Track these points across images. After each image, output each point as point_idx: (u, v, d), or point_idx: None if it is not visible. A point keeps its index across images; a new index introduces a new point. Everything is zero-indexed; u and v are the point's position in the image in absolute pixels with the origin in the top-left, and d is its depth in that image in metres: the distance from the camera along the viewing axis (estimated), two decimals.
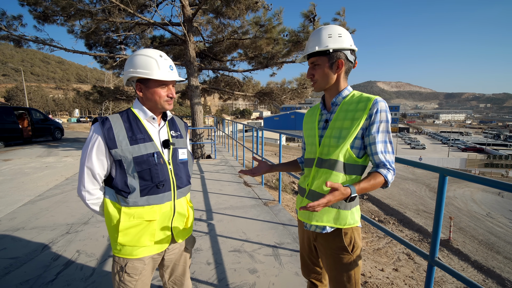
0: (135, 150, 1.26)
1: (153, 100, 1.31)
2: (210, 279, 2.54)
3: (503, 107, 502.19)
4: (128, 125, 1.29)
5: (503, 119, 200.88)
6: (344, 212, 1.29)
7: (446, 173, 1.73)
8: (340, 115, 1.29)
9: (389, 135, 1.24)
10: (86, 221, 3.84)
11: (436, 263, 1.77)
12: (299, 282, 2.49)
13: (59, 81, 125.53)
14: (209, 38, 9.37)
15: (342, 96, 1.31)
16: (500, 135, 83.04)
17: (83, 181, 1.26)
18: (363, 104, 1.22)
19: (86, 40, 9.62)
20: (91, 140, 1.25)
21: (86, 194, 1.28)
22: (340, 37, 1.24)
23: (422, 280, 7.46)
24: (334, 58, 1.25)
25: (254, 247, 3.12)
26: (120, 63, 9.34)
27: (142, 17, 7.72)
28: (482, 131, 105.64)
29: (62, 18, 8.66)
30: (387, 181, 1.20)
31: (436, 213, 1.75)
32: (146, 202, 1.29)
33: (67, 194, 5.08)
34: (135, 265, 1.33)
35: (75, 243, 3.22)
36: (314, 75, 1.31)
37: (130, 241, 1.29)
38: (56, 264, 2.77)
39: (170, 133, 1.42)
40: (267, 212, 4.17)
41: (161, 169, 1.32)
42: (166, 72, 1.28)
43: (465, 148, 56.20)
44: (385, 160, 1.21)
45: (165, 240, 1.38)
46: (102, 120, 1.27)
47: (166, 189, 1.34)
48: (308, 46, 1.30)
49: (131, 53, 10.79)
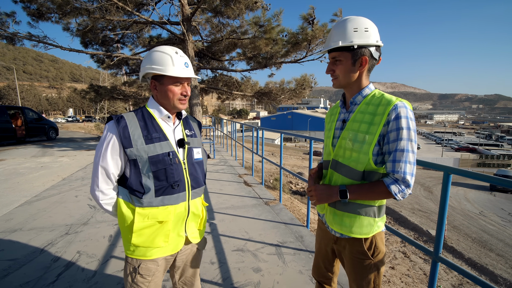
0: (150, 149, 1.24)
1: (166, 97, 1.29)
2: (215, 278, 2.53)
3: (495, 108, 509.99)
4: (143, 123, 1.27)
5: (495, 120, 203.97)
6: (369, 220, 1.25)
7: (450, 171, 1.75)
8: (358, 116, 1.22)
9: (410, 144, 1.11)
10: (86, 222, 3.80)
11: (440, 259, 1.79)
12: (303, 281, 2.50)
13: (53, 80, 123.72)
14: (208, 38, 9.35)
15: (362, 95, 1.24)
16: (491, 136, 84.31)
17: (97, 181, 1.24)
18: (383, 108, 1.14)
19: (82, 38, 9.51)
20: (105, 139, 1.23)
21: (99, 194, 1.26)
22: (366, 31, 1.14)
23: (418, 278, 7.54)
24: (358, 55, 1.16)
25: (257, 246, 3.12)
26: (117, 62, 9.27)
27: (140, 15, 7.67)
28: (474, 131, 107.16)
29: (57, 15, 8.56)
30: (390, 191, 1.11)
31: (440, 211, 1.77)
32: (161, 203, 1.27)
33: (64, 195, 5.02)
34: (148, 266, 1.31)
35: (75, 244, 3.19)
36: (335, 71, 1.22)
37: (144, 242, 1.28)
38: (57, 266, 2.74)
39: (184, 132, 1.41)
40: (268, 212, 4.17)
41: (176, 169, 1.30)
42: (181, 69, 1.26)
43: (458, 148, 56.97)
44: (395, 169, 1.11)
45: (180, 241, 1.37)
46: (117, 119, 1.25)
47: (181, 190, 1.32)
48: (331, 40, 1.20)
49: (129, 52, 10.76)
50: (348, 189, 1.18)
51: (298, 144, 55.91)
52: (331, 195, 1.22)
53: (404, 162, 1.10)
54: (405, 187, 1.11)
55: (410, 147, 1.11)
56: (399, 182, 1.11)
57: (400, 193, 1.11)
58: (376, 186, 1.15)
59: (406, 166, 1.10)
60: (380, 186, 1.14)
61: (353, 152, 1.20)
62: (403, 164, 1.10)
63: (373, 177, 1.19)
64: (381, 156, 1.17)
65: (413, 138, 1.11)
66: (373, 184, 1.16)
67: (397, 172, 1.11)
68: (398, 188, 1.11)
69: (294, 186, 12.55)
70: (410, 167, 1.11)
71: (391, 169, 1.13)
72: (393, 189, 1.11)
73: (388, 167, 1.14)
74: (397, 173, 1.11)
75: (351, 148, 1.21)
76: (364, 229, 1.24)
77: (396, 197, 1.11)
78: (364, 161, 1.17)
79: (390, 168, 1.13)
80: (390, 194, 1.12)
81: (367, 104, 1.21)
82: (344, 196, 1.18)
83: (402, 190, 1.11)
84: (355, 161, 1.19)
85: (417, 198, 20.01)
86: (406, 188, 1.11)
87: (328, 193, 1.22)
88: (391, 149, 1.13)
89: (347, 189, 1.19)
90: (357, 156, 1.19)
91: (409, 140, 1.10)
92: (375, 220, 1.25)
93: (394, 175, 1.12)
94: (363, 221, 1.24)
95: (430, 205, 18.58)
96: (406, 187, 1.11)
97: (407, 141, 1.10)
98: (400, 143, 1.10)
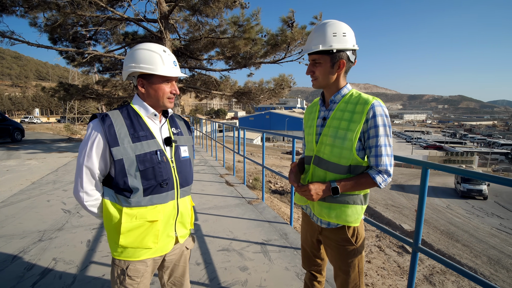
0: (137, 148, 1.21)
1: (156, 96, 1.26)
2: (201, 279, 2.51)
3: (459, 108, 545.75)
4: (129, 122, 1.24)
5: (459, 119, 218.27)
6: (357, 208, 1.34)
7: (429, 166, 1.87)
8: (338, 114, 1.31)
9: (387, 139, 1.25)
10: (61, 227, 3.60)
11: (420, 249, 1.90)
12: (290, 277, 2.54)
13: (16, 78, 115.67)
14: (186, 36, 9.17)
15: (341, 95, 1.33)
16: (456, 134, 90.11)
17: (81, 182, 1.20)
18: (361, 107, 1.24)
19: (51, 34, 8.97)
20: (90, 138, 1.18)
21: (84, 196, 1.21)
22: (344, 36, 1.23)
23: (393, 270, 7.90)
24: (336, 58, 1.24)
25: (242, 245, 3.12)
26: (89, 59, 8.84)
27: (114, 11, 7.38)
28: (440, 130, 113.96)
29: (23, 9, 8.03)
30: (375, 182, 1.24)
31: (420, 203, 1.88)
32: (150, 202, 1.25)
33: (35, 199, 4.73)
34: (137, 268, 1.28)
35: (50, 250, 3.02)
36: (315, 72, 1.30)
37: (133, 242, 1.24)
38: (31, 274, 2.58)
39: (171, 130, 1.39)
40: (252, 211, 4.19)
41: (164, 167, 1.28)
42: (171, 68, 1.25)
43: (427, 146, 60.22)
44: (378, 163, 1.24)
45: (169, 241, 1.35)
46: (102, 117, 1.20)
47: (170, 188, 1.30)
48: (312, 43, 1.26)
49: (102, 50, 10.30)
50: (338, 185, 1.27)
51: (276, 143, 56.46)
52: (325, 192, 1.29)
53: (385, 155, 1.25)
54: (387, 177, 1.27)
55: (388, 142, 1.25)
56: (382, 173, 1.26)
57: (384, 182, 1.26)
58: (362, 178, 1.27)
59: (387, 158, 1.25)
60: (366, 178, 1.27)
61: (335, 148, 1.29)
62: (385, 158, 1.25)
63: (359, 170, 1.30)
64: (363, 151, 1.29)
65: (389, 133, 1.26)
66: (360, 177, 1.27)
67: (381, 165, 1.25)
68: (382, 178, 1.26)
69: (273, 186, 12.67)
70: (390, 159, 1.26)
71: (374, 163, 1.26)
72: (378, 179, 1.25)
73: (371, 161, 1.27)
74: (380, 166, 1.25)
75: (332, 144, 1.30)
76: (352, 217, 1.33)
77: (380, 185, 1.26)
78: (349, 157, 1.27)
79: (373, 162, 1.27)
80: (375, 184, 1.26)
81: (346, 102, 1.30)
82: (336, 193, 1.27)
83: (385, 180, 1.26)
84: (338, 156, 1.28)
85: (390, 194, 20.93)
86: (388, 177, 1.27)
87: (321, 192, 1.29)
88: (371, 145, 1.25)
89: (337, 185, 1.27)
90: (339, 152, 1.28)
91: (386, 136, 1.24)
92: (362, 207, 1.36)
93: (378, 168, 1.26)
94: (351, 209, 1.33)
95: (402, 201, 19.51)
96: (388, 176, 1.27)
97: (385, 136, 1.24)
98: (380, 139, 1.23)
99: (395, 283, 6.67)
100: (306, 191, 1.29)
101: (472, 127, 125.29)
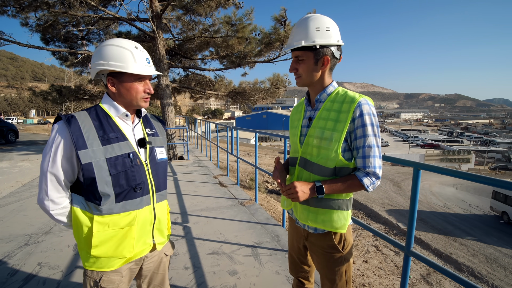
0: (108, 150, 1.14)
1: (128, 96, 1.19)
2: (189, 284, 2.43)
3: (455, 107, 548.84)
4: (98, 123, 1.16)
5: (455, 118, 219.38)
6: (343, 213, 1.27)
7: (420, 167, 1.81)
8: (324, 114, 1.25)
9: (375, 139, 1.18)
10: (48, 231, 3.52)
11: (412, 254, 1.84)
12: (280, 281, 2.47)
13: (12, 79, 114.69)
14: (179, 36, 9.08)
15: (326, 93, 1.26)
16: (452, 133, 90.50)
17: (46, 189, 1.11)
18: (347, 105, 1.18)
19: (43, 34, 8.84)
20: (54, 141, 1.10)
21: (50, 204, 1.13)
22: (328, 31, 1.16)
23: (390, 270, 7.86)
24: (320, 55, 1.18)
25: (233, 248, 3.05)
26: (82, 60, 8.73)
27: (106, 11, 7.28)
28: (437, 128, 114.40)
29: (14, 9, 7.90)
30: (362, 184, 1.17)
31: (411, 205, 1.82)
32: (123, 209, 1.17)
33: (24, 202, 4.63)
34: (111, 278, 1.20)
35: (35, 255, 2.93)
36: (298, 69, 1.24)
37: (106, 252, 1.16)
38: (14, 280, 2.50)
39: (145, 131, 1.31)
40: (244, 212, 4.12)
41: (137, 170, 1.20)
42: (143, 65, 1.17)
43: (423, 144, 60.42)
44: (365, 165, 1.17)
45: (146, 248, 1.28)
46: (67, 118, 1.11)
47: (144, 193, 1.23)
48: (294, 39, 1.21)
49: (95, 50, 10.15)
50: (323, 185, 1.20)
51: (273, 143, 56.41)
52: (309, 192, 1.21)
53: (373, 157, 1.17)
54: (375, 179, 1.19)
55: (376, 142, 1.18)
56: (370, 175, 1.18)
57: (371, 185, 1.19)
58: (349, 180, 1.19)
59: (375, 160, 1.18)
60: (353, 180, 1.19)
61: (321, 149, 1.22)
62: (373, 159, 1.17)
63: (344, 173, 1.23)
64: (349, 152, 1.22)
65: (377, 133, 1.19)
66: (346, 179, 1.20)
67: (368, 167, 1.17)
68: (369, 181, 1.18)
69: (270, 185, 12.62)
70: (378, 160, 1.19)
71: (361, 165, 1.19)
72: (365, 182, 1.17)
73: (358, 163, 1.20)
74: (368, 167, 1.18)
75: (319, 146, 1.23)
76: (338, 222, 1.26)
77: (367, 189, 1.18)
78: (335, 158, 1.20)
79: (360, 164, 1.19)
80: (362, 187, 1.18)
81: (332, 101, 1.24)
82: (321, 192, 1.19)
83: (373, 182, 1.19)
84: (324, 158, 1.22)
85: (387, 193, 20.95)
86: (377, 180, 1.19)
87: (307, 190, 1.21)
88: (359, 145, 1.18)
89: (322, 185, 1.20)
90: (325, 153, 1.21)
91: (374, 136, 1.17)
92: (348, 213, 1.29)
93: (366, 170, 1.18)
94: (337, 215, 1.26)
95: (399, 200, 19.53)
96: (376, 179, 1.19)
97: (373, 136, 1.17)
98: (367, 139, 1.17)
99: (392, 283, 6.64)
100: (290, 189, 1.21)
101: (469, 125, 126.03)
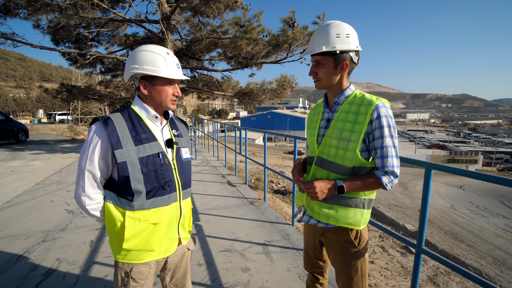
0: (140, 150, 1.22)
1: (159, 98, 1.27)
2: (203, 280, 2.51)
3: (462, 107, 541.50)
4: (131, 124, 1.24)
5: (463, 118, 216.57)
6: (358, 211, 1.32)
7: (432, 167, 1.85)
8: (342, 115, 1.30)
9: (392, 140, 1.23)
10: (64, 228, 3.63)
11: (423, 251, 1.89)
12: (292, 278, 2.53)
13: (20, 80, 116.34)
14: (187, 37, 9.19)
15: (344, 96, 1.32)
16: (460, 133, 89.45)
17: (83, 186, 1.20)
18: (365, 108, 1.23)
19: (54, 36, 9.03)
20: (92, 141, 1.19)
21: (86, 199, 1.21)
22: (348, 37, 1.22)
23: (396, 271, 7.85)
24: (340, 59, 1.24)
25: (244, 246, 3.12)
26: (92, 61, 8.89)
27: (116, 12, 7.41)
28: (444, 129, 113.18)
29: (26, 11, 8.09)
30: (381, 183, 1.23)
31: (423, 205, 1.86)
32: (153, 205, 1.25)
33: (39, 200, 4.76)
34: (141, 270, 1.28)
35: (53, 251, 3.04)
36: (318, 73, 1.30)
37: (137, 245, 1.24)
38: (35, 274, 2.60)
39: (172, 132, 1.39)
40: (253, 211, 4.19)
41: (166, 169, 1.28)
42: (174, 70, 1.25)
43: (430, 145, 59.88)
44: (384, 164, 1.22)
45: (173, 243, 1.36)
46: (104, 120, 1.20)
47: (172, 190, 1.31)
48: (315, 44, 1.26)
49: (104, 51, 10.35)
50: (344, 184, 1.25)
51: (278, 143, 56.39)
52: (330, 191, 1.27)
53: (391, 157, 1.23)
54: (394, 178, 1.24)
55: (393, 143, 1.23)
56: (389, 174, 1.24)
57: (390, 183, 1.24)
58: (368, 178, 1.25)
59: (393, 160, 1.23)
60: (372, 179, 1.24)
61: (339, 150, 1.28)
62: (390, 159, 1.23)
63: (363, 171, 1.28)
64: (367, 152, 1.27)
65: (394, 134, 1.24)
66: (366, 177, 1.25)
67: (387, 166, 1.23)
68: (388, 179, 1.24)
69: (275, 185, 12.66)
70: (396, 160, 1.24)
71: (380, 164, 1.24)
72: (384, 180, 1.23)
73: (377, 162, 1.25)
74: (387, 167, 1.23)
75: (337, 146, 1.28)
76: (352, 219, 1.31)
77: (386, 187, 1.24)
78: (353, 158, 1.25)
79: (379, 164, 1.25)
80: (381, 185, 1.24)
81: (350, 104, 1.29)
82: (341, 192, 1.25)
83: (391, 181, 1.24)
84: (342, 158, 1.27)
85: (393, 194, 20.82)
86: (395, 178, 1.25)
87: (326, 190, 1.26)
88: (377, 146, 1.23)
89: (343, 184, 1.25)
90: (343, 154, 1.27)
91: (391, 137, 1.22)
92: (365, 211, 1.34)
93: (384, 169, 1.24)
94: (353, 212, 1.31)
95: (405, 201, 19.40)
96: (394, 178, 1.24)
97: (390, 137, 1.22)
98: (385, 140, 1.22)
99: (398, 284, 6.63)
100: (310, 188, 1.27)
101: (476, 126, 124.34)
